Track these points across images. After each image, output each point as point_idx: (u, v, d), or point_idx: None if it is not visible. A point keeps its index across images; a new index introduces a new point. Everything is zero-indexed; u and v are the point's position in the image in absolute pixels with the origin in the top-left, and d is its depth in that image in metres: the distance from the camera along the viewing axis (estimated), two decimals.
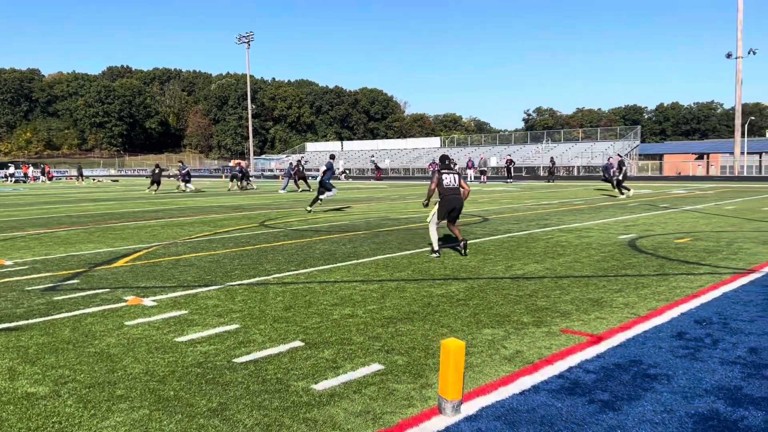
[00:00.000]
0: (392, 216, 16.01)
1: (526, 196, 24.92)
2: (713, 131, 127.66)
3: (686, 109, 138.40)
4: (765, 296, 6.14)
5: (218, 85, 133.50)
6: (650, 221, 13.51)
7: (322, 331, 5.26)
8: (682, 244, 9.76)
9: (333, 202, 21.42)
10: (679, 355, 4.46)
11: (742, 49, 43.05)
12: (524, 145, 62.27)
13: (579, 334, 5.02)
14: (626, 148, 53.21)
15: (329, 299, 6.43)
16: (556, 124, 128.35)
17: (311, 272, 7.99)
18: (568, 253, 9.18)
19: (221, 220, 15.42)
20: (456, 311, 5.84)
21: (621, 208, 17.12)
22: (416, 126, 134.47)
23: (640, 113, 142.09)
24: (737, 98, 44.46)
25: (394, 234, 11.90)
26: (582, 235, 11.20)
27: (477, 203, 20.49)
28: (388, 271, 8.00)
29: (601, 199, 21.91)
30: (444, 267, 8.19)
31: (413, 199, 24.01)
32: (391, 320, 5.56)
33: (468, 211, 16.99)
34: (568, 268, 7.96)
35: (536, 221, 13.87)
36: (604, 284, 6.91)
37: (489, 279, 7.35)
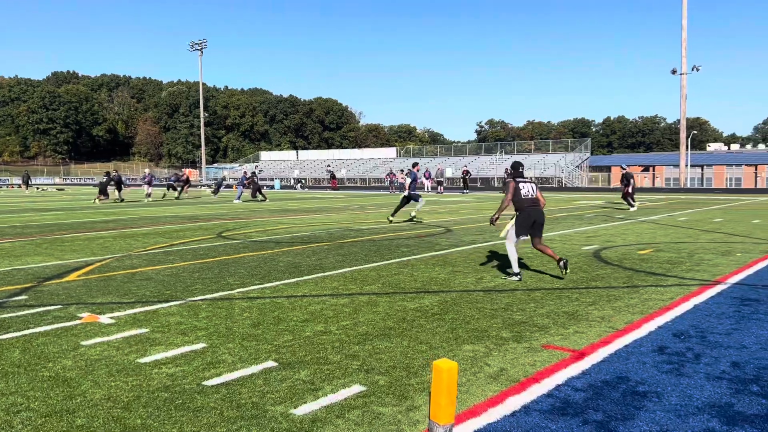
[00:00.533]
0: (354, 227, 15.79)
1: (484, 206, 25.08)
2: (657, 144, 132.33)
3: (632, 123, 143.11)
4: (735, 308, 6.19)
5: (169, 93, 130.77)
6: (610, 232, 13.70)
7: (296, 349, 5.00)
8: (646, 256, 9.87)
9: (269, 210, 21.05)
10: (665, 370, 4.39)
11: (686, 65, 44.71)
12: (478, 157, 63.06)
13: (561, 350, 4.91)
14: (577, 160, 54.46)
15: (299, 315, 6.17)
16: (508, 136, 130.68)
17: (277, 286, 7.70)
18: (536, 264, 9.15)
19: (177, 231, 14.89)
20: (433, 326, 5.67)
21: (579, 219, 17.35)
22: (371, 136, 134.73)
23: (588, 126, 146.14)
24: (682, 113, 46.12)
25: (358, 245, 11.68)
26: None
27: (438, 214, 20.47)
28: (357, 284, 7.78)
29: (558, 209, 22.21)
30: (414, 279, 8.02)
31: (373, 209, 23.85)
32: (367, 337, 5.35)
33: (430, 222, 16.92)
34: (539, 280, 7.91)
35: (497, 232, 13.89)
36: (576, 296, 6.86)
37: (461, 292, 7.21)
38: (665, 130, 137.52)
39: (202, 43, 72.10)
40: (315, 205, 27.06)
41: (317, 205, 27.73)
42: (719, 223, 15.83)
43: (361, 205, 27.28)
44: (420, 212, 20.27)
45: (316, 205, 27.04)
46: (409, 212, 17.76)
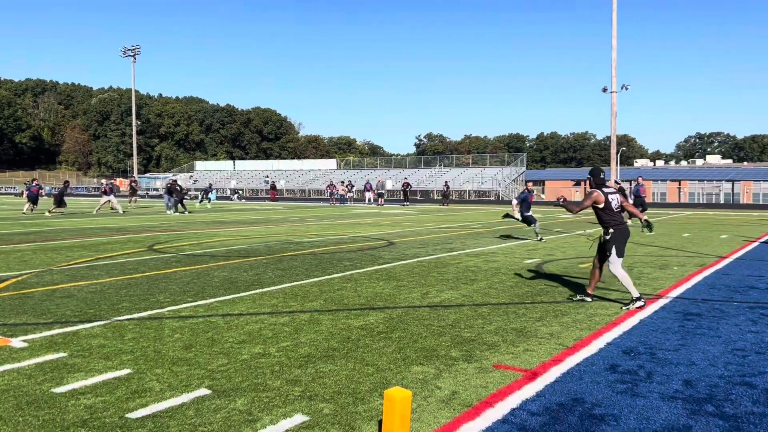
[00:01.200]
0: (294, 239, 15.35)
1: (426, 219, 25.08)
2: (588, 160, 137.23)
3: (564, 139, 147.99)
4: (679, 323, 6.20)
5: (99, 100, 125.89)
6: (549, 245, 13.82)
7: (231, 374, 4.61)
8: (587, 269, 9.93)
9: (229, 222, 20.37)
10: (619, 390, 4.26)
11: (616, 84, 46.44)
12: (418, 169, 63.51)
13: (512, 370, 4.72)
14: (514, 174, 55.63)
15: (235, 335, 5.76)
16: (446, 149, 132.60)
17: (211, 303, 7.23)
18: (480, 278, 9.02)
19: (103, 244, 14.05)
20: (379, 346, 5.38)
21: (519, 232, 17.50)
22: (311, 147, 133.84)
23: (523, 141, 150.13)
24: (612, 129, 47.78)
25: (299, 259, 11.29)
26: (489, 259, 11.17)
27: (379, 226, 20.26)
28: (298, 301, 7.41)
29: (498, 222, 22.42)
30: (358, 295, 7.72)
31: (314, 221, 23.42)
32: (310, 359, 5.01)
33: (372, 235, 16.68)
34: (484, 294, 7.77)
35: (441, 245, 13.78)
36: (523, 312, 6.73)
37: (407, 308, 6.97)
38: (595, 146, 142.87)
39: (135, 49, 69.78)
40: (253, 217, 26.37)
41: (255, 216, 27.03)
42: (652, 237, 16.28)
43: (301, 217, 26.78)
44: (364, 225, 20.03)
45: (254, 217, 26.36)
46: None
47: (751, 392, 4.19)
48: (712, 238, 15.49)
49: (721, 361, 4.88)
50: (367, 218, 25.68)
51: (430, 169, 62.64)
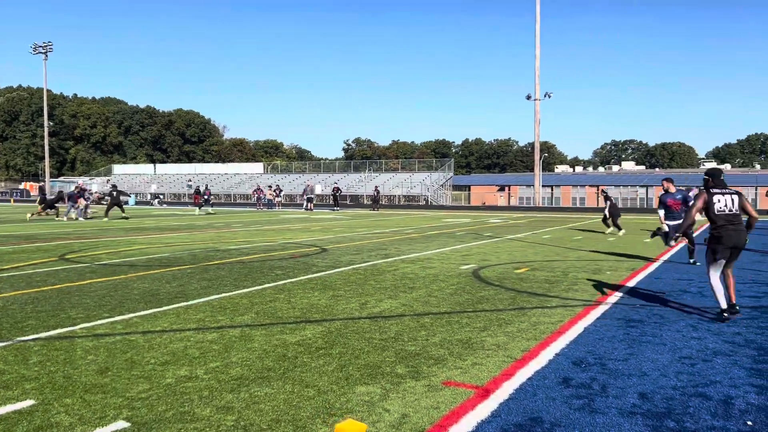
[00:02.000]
0: (221, 247, 14.63)
1: (357, 224, 24.75)
2: (510, 166, 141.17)
3: (488, 145, 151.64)
4: (623, 330, 6.12)
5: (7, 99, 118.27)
6: (483, 250, 13.79)
7: (154, 402, 4.09)
8: (523, 275, 9.87)
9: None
10: (576, 407, 4.05)
11: (539, 92, 47.85)
12: (347, 174, 63.19)
13: (463, 387, 4.43)
14: (441, 179, 56.27)
15: (158, 356, 5.20)
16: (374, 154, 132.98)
17: (131, 319, 6.60)
18: (419, 286, 8.75)
19: (9, 254, 12.88)
20: (319, 364, 4.97)
21: (451, 237, 17.47)
22: (236, 151, 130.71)
23: (449, 147, 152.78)
24: (536, 136, 49.26)
25: (226, 268, 10.67)
26: (425, 266, 10.94)
27: (310, 232, 19.74)
28: (227, 314, 6.88)
29: (429, 227, 22.39)
30: (292, 307, 7.26)
31: (240, 227, 22.59)
32: (243, 382, 4.54)
33: (303, 241, 16.17)
34: (424, 303, 7.49)
35: (376, 251, 13.47)
36: (466, 321, 6.49)
37: (345, 320, 6.58)
38: (517, 152, 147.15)
39: (47, 46, 65.96)
40: (175, 223, 25.21)
41: (177, 222, 25.87)
42: (580, 240, 16.62)
43: (227, 222, 25.85)
44: (294, 231, 19.48)
45: (177, 223, 25.21)
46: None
47: (707, 404, 4.07)
48: (637, 242, 15.95)
49: (672, 371, 4.78)
50: (297, 224, 25.08)
51: (360, 174, 62.46)
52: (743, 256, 12.59)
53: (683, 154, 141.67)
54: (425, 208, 45.12)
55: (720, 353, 5.26)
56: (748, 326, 6.25)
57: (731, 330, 6.08)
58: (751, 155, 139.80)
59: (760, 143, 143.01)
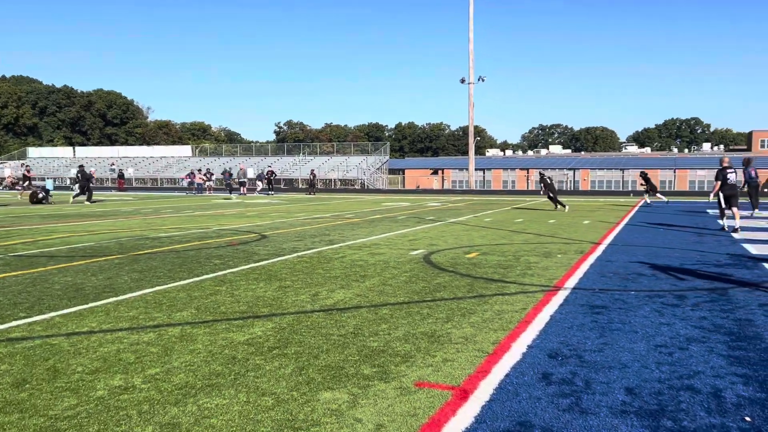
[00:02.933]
0: (150, 234, 13.68)
1: (295, 209, 24.03)
2: (443, 149, 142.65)
3: (421, 129, 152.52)
4: (590, 318, 5.89)
5: None
6: (428, 235, 13.48)
7: (83, 422, 3.47)
8: (475, 259, 9.59)
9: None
10: (564, 407, 3.71)
11: (473, 76, 48.15)
12: (281, 157, 61.81)
13: (438, 388, 4.03)
14: (377, 162, 55.95)
15: (86, 363, 4.53)
16: (307, 137, 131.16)
17: (52, 319, 5.84)
18: (371, 274, 8.30)
19: None
20: (274, 367, 4.45)
21: (394, 222, 17.11)
22: (161, 133, 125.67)
23: (382, 131, 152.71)
24: (470, 120, 49.62)
25: (159, 258, 9.86)
26: (374, 252, 10.50)
27: (246, 217, 18.91)
28: (164, 311, 6.21)
29: (370, 211, 21.97)
30: (236, 301, 6.66)
31: (170, 212, 21.43)
32: (188, 391, 3.97)
33: (240, 227, 15.39)
34: (380, 293, 7.05)
35: (319, 237, 12.92)
36: (427, 312, 6.10)
37: (297, 314, 6.06)
38: (449, 136, 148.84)
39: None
40: (98, 209, 23.70)
41: (101, 208, 24.35)
42: (522, 223, 16.61)
43: (155, 208, 24.55)
44: (228, 216, 18.61)
45: (100, 209, 23.71)
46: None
47: (699, 398, 3.83)
48: (577, 224, 16.09)
49: (651, 361, 4.55)
50: (231, 209, 24.10)
51: (294, 157, 61.23)
52: (683, 237, 12.83)
53: (606, 138, 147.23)
54: (362, 192, 44.69)
55: (693, 340, 5.09)
56: (711, 309, 6.16)
57: (696, 314, 5.96)
58: (668, 139, 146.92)
59: (676, 128, 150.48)
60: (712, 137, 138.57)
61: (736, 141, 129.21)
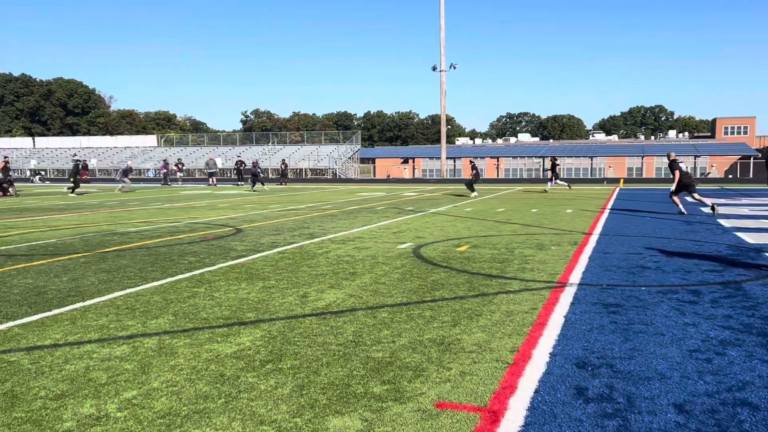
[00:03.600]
0: (118, 229, 12.87)
1: (268, 200, 23.28)
2: (412, 138, 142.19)
3: (390, 118, 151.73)
4: (608, 319, 5.44)
5: None
6: (412, 226, 12.97)
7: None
8: (467, 253, 9.10)
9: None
10: (611, 429, 3.24)
11: (445, 63, 47.70)
12: (250, 147, 60.53)
13: (463, 409, 3.52)
14: (349, 152, 55.20)
15: (50, 385, 3.90)
16: (274, 126, 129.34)
17: (10, 330, 5.16)
18: (360, 271, 7.74)
19: None
20: (270, 386, 3.88)
21: (373, 213, 16.55)
22: (125, 123, 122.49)
23: (351, 120, 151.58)
24: (442, 107, 49.19)
25: (128, 256, 9.14)
26: (359, 246, 9.94)
27: (218, 210, 18.12)
28: (138, 318, 5.57)
29: (346, 202, 21.37)
30: (218, 304, 6.05)
31: (137, 205, 20.49)
32: (173, 420, 3.38)
33: (212, 220, 14.65)
34: (374, 293, 6.50)
35: (298, 230, 12.29)
36: (430, 314, 5.59)
37: (288, 319, 5.49)
38: (418, 124, 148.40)
39: None
40: (61, 202, 22.59)
41: (64, 201, 23.23)
42: (505, 213, 16.22)
43: (122, 200, 23.53)
44: (199, 209, 17.84)
45: (63, 202, 22.60)
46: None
47: (762, 416, 3.39)
48: (560, 213, 15.76)
49: (692, 371, 4.11)
50: (201, 200, 23.23)
51: (263, 147, 60.01)
52: (673, 226, 12.57)
53: (573, 126, 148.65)
54: (334, 182, 43.95)
55: (728, 343, 4.67)
56: (732, 306, 5.77)
57: (720, 312, 5.56)
58: (633, 126, 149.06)
59: (641, 115, 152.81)
60: (675, 124, 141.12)
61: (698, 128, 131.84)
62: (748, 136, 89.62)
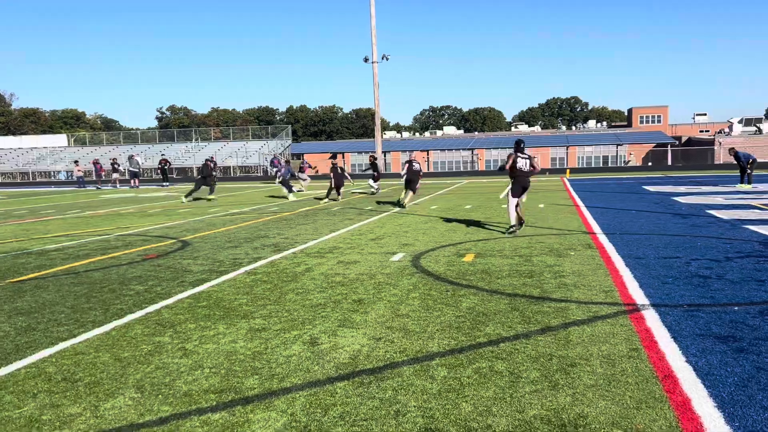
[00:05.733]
0: (33, 247, 10.56)
1: (203, 203, 21.01)
2: (337, 132, 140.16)
3: (313, 112, 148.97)
4: (750, 364, 4.10)
5: None
6: (387, 231, 11.36)
7: None
8: (478, 264, 7.62)
9: None
10: None
11: (377, 54, 46.19)
12: (171, 144, 56.79)
13: None
14: (279, 147, 52.77)
15: None
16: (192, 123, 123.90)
17: None
18: (365, 296, 6.09)
19: None
20: None
21: (330, 215, 14.81)
22: (29, 122, 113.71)
23: (273, 114, 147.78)
24: (375, 99, 47.70)
25: (51, 286, 7.07)
26: (343, 260, 8.26)
27: (151, 217, 15.80)
28: (83, 399, 3.74)
29: (294, 203, 19.48)
30: (197, 364, 4.27)
31: (52, 213, 17.77)
32: None
33: (148, 230, 12.47)
34: (404, 332, 4.90)
35: (257, 241, 10.43)
36: (505, 368, 4.07)
37: (310, 387, 3.81)
38: (343, 119, 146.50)
39: None
40: None
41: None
42: (475, 211, 14.92)
43: (32, 208, 20.59)
44: (128, 216, 15.51)
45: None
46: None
47: None
48: (536, 209, 14.59)
49: None
50: (127, 205, 20.67)
51: (186, 144, 56.46)
52: (673, 221, 11.60)
53: (494, 118, 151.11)
54: (266, 180, 41.52)
55: None
56: None
57: None
58: (550, 118, 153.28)
59: (557, 106, 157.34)
60: (590, 115, 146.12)
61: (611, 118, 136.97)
62: (662, 124, 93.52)
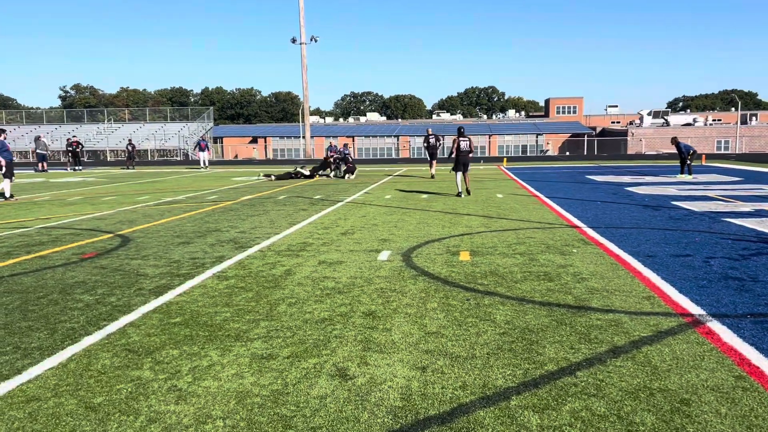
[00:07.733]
0: None
1: (127, 189, 19.12)
2: (255, 116, 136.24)
3: (230, 95, 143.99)
4: None
5: None
6: (355, 224, 10.37)
7: None
8: (482, 265, 6.81)
9: None
10: None
11: (305, 35, 44.63)
12: (81, 125, 52.73)
13: None
14: (201, 130, 50.13)
15: None
16: (99, 103, 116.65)
17: None
18: (376, 309, 5.13)
19: None
20: None
21: (280, 204, 13.61)
22: None
23: (187, 96, 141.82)
24: (304, 82, 46.17)
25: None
26: (323, 260, 7.22)
27: (73, 206, 13.97)
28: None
29: (231, 190, 18.03)
30: (201, 412, 3.20)
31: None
32: None
33: (74, 222, 10.86)
34: (450, 358, 4.01)
35: (210, 235, 9.18)
36: (606, 411, 3.28)
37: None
38: (261, 102, 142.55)
39: None
40: None
41: None
42: (432, 201, 14.16)
43: None
44: (45, 205, 13.65)
45: None
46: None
47: None
48: (496, 200, 14.04)
49: None
50: (41, 192, 18.46)
51: (97, 125, 52.57)
52: (650, 215, 11.28)
53: (414, 105, 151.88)
54: (188, 164, 39.17)
55: None
56: None
57: None
58: (469, 106, 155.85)
59: (476, 96, 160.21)
60: (506, 104, 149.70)
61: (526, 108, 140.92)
62: (577, 115, 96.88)
